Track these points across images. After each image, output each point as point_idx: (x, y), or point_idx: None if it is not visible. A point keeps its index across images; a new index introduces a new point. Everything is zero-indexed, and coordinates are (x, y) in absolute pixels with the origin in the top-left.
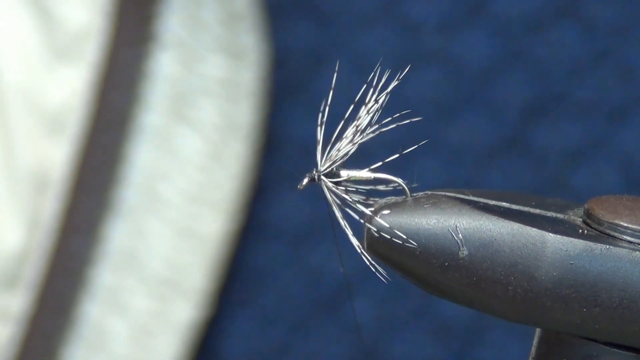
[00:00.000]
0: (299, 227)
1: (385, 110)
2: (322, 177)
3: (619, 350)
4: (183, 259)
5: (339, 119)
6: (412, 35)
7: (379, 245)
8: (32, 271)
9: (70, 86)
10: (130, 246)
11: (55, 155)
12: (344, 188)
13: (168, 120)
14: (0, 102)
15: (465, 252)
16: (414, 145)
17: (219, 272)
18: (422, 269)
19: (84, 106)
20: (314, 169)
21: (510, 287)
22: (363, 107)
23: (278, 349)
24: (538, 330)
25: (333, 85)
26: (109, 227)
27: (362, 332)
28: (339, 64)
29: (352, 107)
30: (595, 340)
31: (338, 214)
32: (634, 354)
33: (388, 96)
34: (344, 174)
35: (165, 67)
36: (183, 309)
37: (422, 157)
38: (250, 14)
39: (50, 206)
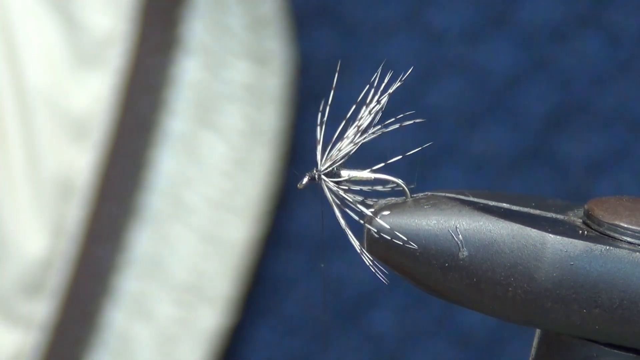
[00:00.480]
0: (320, 237)
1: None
2: (323, 177)
3: (619, 351)
4: (207, 265)
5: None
6: (435, 44)
7: (379, 246)
8: (57, 278)
9: (95, 92)
10: (155, 253)
11: (80, 161)
12: (344, 188)
13: (193, 126)
14: (26, 108)
15: (465, 253)
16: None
17: (242, 280)
18: (422, 270)
19: (108, 112)
20: (314, 168)
21: (510, 288)
22: (364, 107)
23: (299, 358)
24: (538, 331)
25: (333, 85)
26: (133, 233)
27: (328, 296)
28: (339, 64)
29: (353, 107)
30: (595, 341)
31: (338, 214)
32: (634, 355)
33: (389, 97)
34: (345, 174)
35: (190, 72)
36: (207, 316)
37: (444, 166)
38: (275, 19)
39: (74, 213)
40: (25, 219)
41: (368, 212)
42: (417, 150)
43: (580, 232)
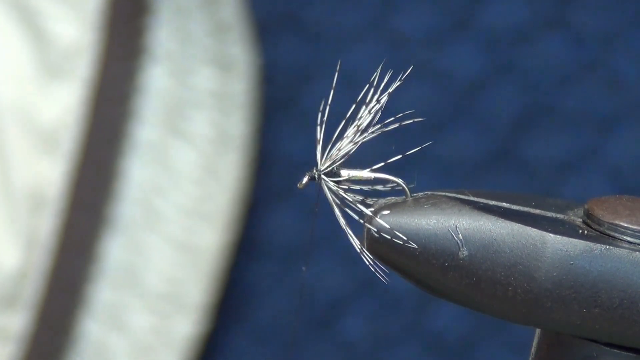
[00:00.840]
0: (292, 244)
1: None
2: (322, 176)
3: (619, 351)
4: (182, 273)
5: (327, 133)
6: (400, 49)
7: (379, 245)
8: (31, 290)
9: (64, 103)
10: (129, 262)
11: (51, 173)
12: (344, 188)
13: (162, 134)
14: None
15: (465, 253)
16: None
17: (216, 287)
18: (422, 269)
19: (77, 123)
20: (314, 168)
21: (510, 288)
22: (364, 106)
23: None
24: (538, 331)
25: (334, 85)
26: (106, 243)
27: (305, 300)
28: (340, 64)
29: (353, 106)
30: (595, 341)
31: (338, 214)
32: (634, 355)
33: (389, 97)
34: (344, 173)
35: (157, 80)
36: (183, 324)
37: (410, 171)
38: (238, 24)
39: (47, 224)
40: None
41: (368, 211)
42: (417, 149)
43: (580, 231)
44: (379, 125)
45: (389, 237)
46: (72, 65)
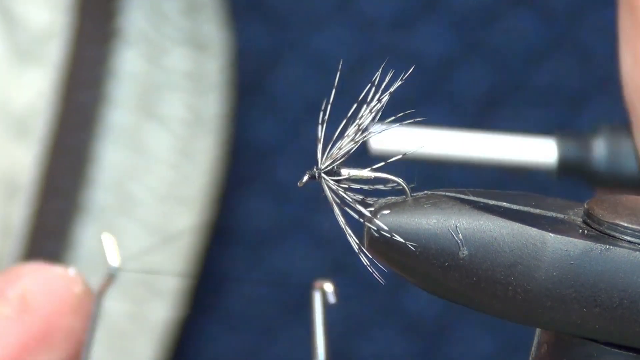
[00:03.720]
0: (263, 230)
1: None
2: (323, 175)
3: (619, 351)
4: (156, 257)
5: (295, 119)
6: (367, 32)
7: (379, 244)
8: None
9: (36, 88)
10: (103, 247)
11: (24, 158)
12: (344, 187)
13: (136, 117)
14: None
15: (466, 252)
16: None
17: (190, 272)
18: (422, 268)
19: (50, 107)
20: (315, 167)
21: (510, 287)
22: (365, 106)
23: (246, 351)
24: (538, 330)
25: (336, 83)
26: (80, 229)
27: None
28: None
29: (355, 105)
30: (595, 340)
31: (337, 212)
32: (634, 354)
33: (389, 96)
34: (345, 172)
35: (131, 63)
36: (158, 310)
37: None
38: (211, 3)
39: (20, 211)
40: None
41: (368, 211)
42: (418, 148)
43: (581, 231)
44: (380, 125)
45: (389, 237)
46: (43, 50)
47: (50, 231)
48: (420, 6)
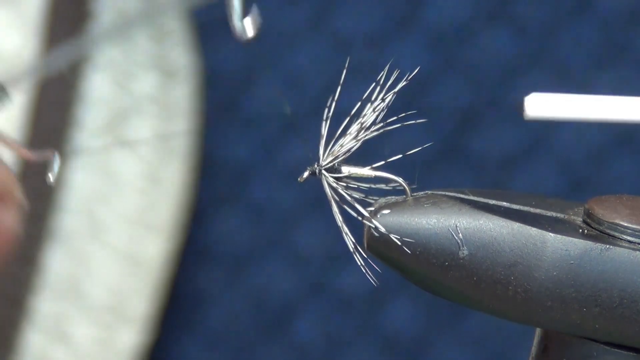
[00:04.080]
0: (239, 249)
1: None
2: (323, 172)
3: (619, 350)
4: (125, 284)
5: (270, 138)
6: (342, 50)
7: (379, 244)
8: None
9: (4, 111)
10: (71, 273)
11: None
12: (345, 185)
13: (104, 142)
14: None
15: (466, 252)
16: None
17: (161, 296)
18: (422, 268)
19: (18, 130)
20: (316, 163)
21: (510, 287)
22: (369, 104)
23: None
24: (538, 330)
25: (341, 82)
26: (48, 254)
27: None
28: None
29: (358, 104)
30: (595, 340)
31: (336, 210)
32: (635, 354)
33: (395, 95)
34: (346, 170)
35: (99, 87)
36: (127, 336)
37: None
38: (179, 29)
39: None
40: None
41: (368, 210)
42: (419, 149)
43: (581, 230)
44: (382, 124)
45: (389, 236)
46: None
47: (17, 255)
48: (395, 23)
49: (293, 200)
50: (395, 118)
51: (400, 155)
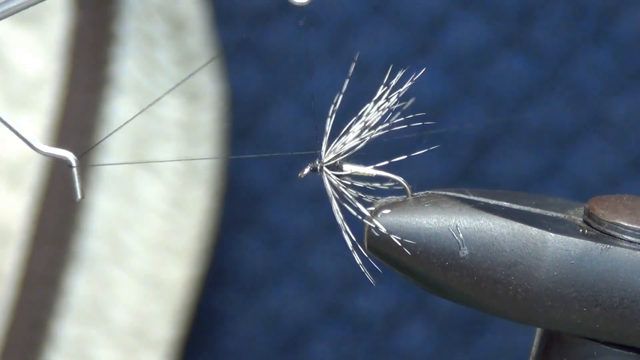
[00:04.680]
0: (256, 272)
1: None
2: (325, 169)
3: (620, 350)
4: (148, 308)
5: (288, 161)
6: (361, 75)
7: (379, 244)
8: None
9: (28, 135)
10: (94, 296)
11: (16, 206)
12: (346, 183)
13: (128, 166)
14: None
15: (466, 252)
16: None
17: (183, 320)
18: (422, 268)
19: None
20: (317, 160)
21: (510, 287)
22: (372, 103)
23: None
24: (538, 330)
25: (347, 80)
26: (72, 277)
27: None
28: (357, 56)
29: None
30: (595, 340)
31: (336, 208)
32: (635, 354)
33: (400, 94)
34: (347, 168)
35: (123, 111)
36: (150, 359)
37: (376, 192)
38: (205, 53)
39: (12, 258)
40: None
41: (369, 210)
42: (423, 151)
43: (581, 230)
44: (387, 124)
45: (390, 236)
46: (36, 96)
47: (41, 279)
48: (414, 50)
49: (309, 224)
50: (400, 119)
51: (404, 157)
